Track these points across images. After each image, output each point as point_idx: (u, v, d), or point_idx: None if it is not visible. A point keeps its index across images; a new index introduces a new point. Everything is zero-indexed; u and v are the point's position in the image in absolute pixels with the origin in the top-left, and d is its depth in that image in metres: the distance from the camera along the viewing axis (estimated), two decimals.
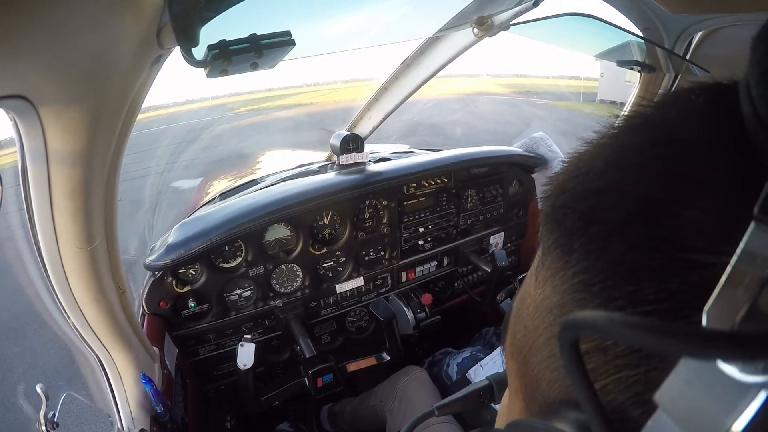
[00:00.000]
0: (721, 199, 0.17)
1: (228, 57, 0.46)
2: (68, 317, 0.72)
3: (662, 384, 0.16)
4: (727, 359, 0.14)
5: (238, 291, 1.22)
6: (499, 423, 0.34)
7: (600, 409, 0.18)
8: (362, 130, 1.43)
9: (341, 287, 1.39)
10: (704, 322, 0.15)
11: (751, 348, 0.13)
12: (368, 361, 1.27)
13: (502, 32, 0.85)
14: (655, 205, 0.19)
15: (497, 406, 0.83)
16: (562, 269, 0.22)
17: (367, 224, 1.36)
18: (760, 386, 0.14)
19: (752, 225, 0.14)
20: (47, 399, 0.64)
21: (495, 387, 0.57)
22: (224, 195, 1.49)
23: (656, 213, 0.18)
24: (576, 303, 0.21)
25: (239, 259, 1.19)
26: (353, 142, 1.35)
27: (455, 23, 0.86)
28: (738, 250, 0.14)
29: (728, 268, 0.15)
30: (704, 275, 0.17)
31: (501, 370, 0.65)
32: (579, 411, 0.20)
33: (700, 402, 0.15)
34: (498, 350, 1.12)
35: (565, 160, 0.24)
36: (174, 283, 1.12)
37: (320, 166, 1.54)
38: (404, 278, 1.50)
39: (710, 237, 0.17)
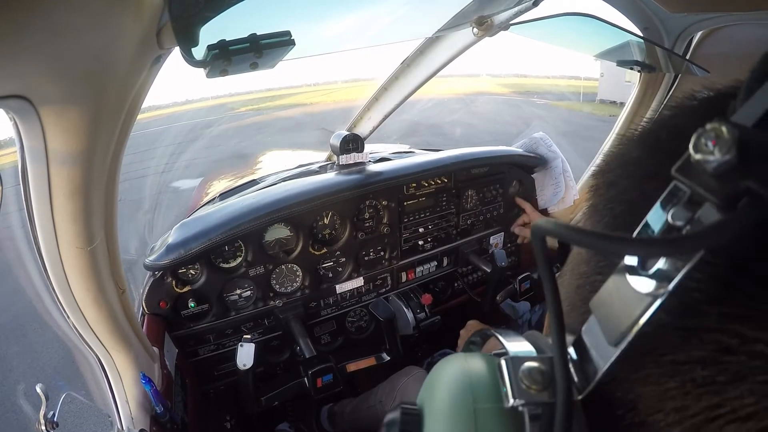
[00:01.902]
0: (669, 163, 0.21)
1: (228, 57, 0.46)
2: (68, 317, 0.71)
3: (596, 294, 0.22)
4: (619, 252, 0.20)
5: (238, 291, 1.22)
6: None
7: (554, 281, 0.23)
8: (362, 130, 1.43)
9: (341, 287, 1.39)
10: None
11: (631, 246, 0.18)
12: (368, 362, 1.27)
13: (502, 32, 0.85)
14: (653, 177, 0.23)
15: None
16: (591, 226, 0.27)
17: (367, 224, 1.36)
18: (653, 297, 0.18)
19: (672, 183, 0.19)
20: (47, 399, 0.64)
21: None
22: (224, 195, 1.49)
23: (652, 183, 0.22)
24: (589, 252, 0.26)
25: (239, 259, 1.19)
26: (353, 142, 1.35)
27: (455, 23, 0.86)
28: (661, 199, 0.20)
29: (651, 212, 0.20)
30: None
31: None
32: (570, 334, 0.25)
33: (614, 308, 0.20)
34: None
35: (618, 139, 0.29)
36: (174, 283, 1.11)
37: (320, 166, 1.54)
38: (404, 278, 1.50)
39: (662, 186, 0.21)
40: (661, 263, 0.19)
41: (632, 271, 0.20)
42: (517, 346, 0.27)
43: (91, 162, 0.53)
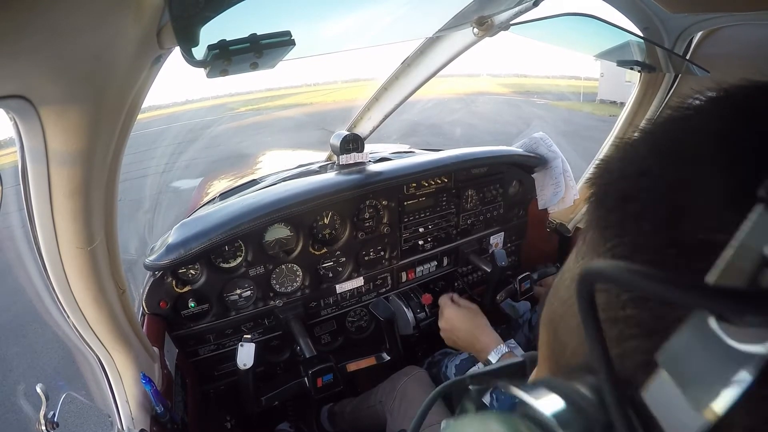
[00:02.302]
0: (738, 180, 0.18)
1: (228, 57, 0.46)
2: (68, 317, 0.71)
3: (665, 344, 0.17)
4: (712, 309, 0.15)
5: (238, 291, 1.22)
6: None
7: (605, 351, 0.19)
8: (362, 130, 1.43)
9: (341, 287, 1.39)
10: None
11: (738, 303, 0.14)
12: (368, 361, 1.27)
13: (502, 32, 0.85)
14: (682, 186, 0.20)
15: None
16: (598, 244, 0.23)
17: (367, 224, 1.36)
18: (754, 356, 0.14)
19: (758, 206, 0.15)
20: (47, 399, 0.64)
21: (528, 365, 0.57)
22: (224, 195, 1.49)
23: (682, 194, 0.20)
24: None
25: (239, 259, 1.19)
26: (353, 142, 1.35)
27: (455, 23, 0.86)
28: (746, 227, 0.15)
29: (733, 243, 0.15)
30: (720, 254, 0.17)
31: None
32: (596, 375, 0.21)
33: (698, 365, 0.16)
34: (495, 351, 1.12)
35: (616, 144, 0.26)
36: (174, 283, 1.11)
37: (320, 166, 1.54)
38: (404, 278, 1.50)
39: (726, 218, 0.17)
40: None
41: (723, 318, 0.15)
42: (550, 405, 0.22)
43: (91, 162, 0.53)
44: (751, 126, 0.20)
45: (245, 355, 1.02)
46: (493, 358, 1.07)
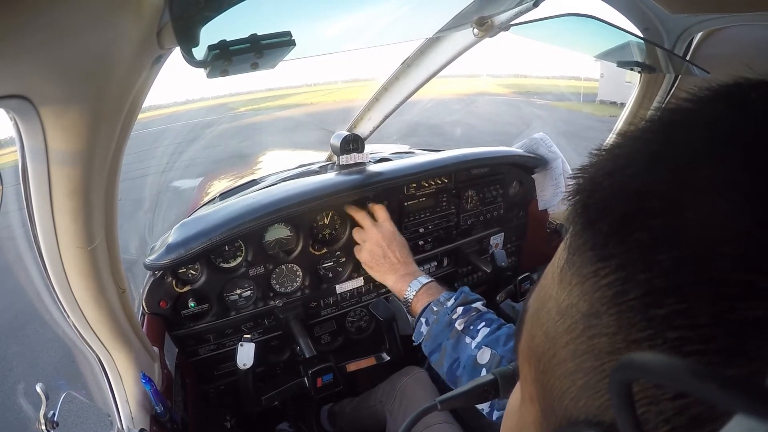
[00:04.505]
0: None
1: (228, 57, 0.46)
2: (68, 317, 0.72)
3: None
4: None
5: (238, 291, 1.22)
6: (506, 425, 0.34)
7: None
8: (362, 130, 1.43)
9: (341, 287, 1.39)
10: None
11: None
12: (368, 361, 1.27)
13: (502, 33, 0.85)
14: (712, 214, 0.16)
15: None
16: (594, 275, 0.20)
17: None
18: None
19: None
20: (47, 398, 0.64)
21: (500, 382, 0.55)
22: (224, 195, 1.49)
23: (714, 224, 0.16)
24: (612, 316, 0.18)
25: (239, 259, 1.19)
26: (353, 143, 1.35)
27: (455, 24, 0.86)
28: None
29: None
30: None
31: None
32: None
33: None
34: (418, 279, 1.06)
35: (597, 152, 0.22)
36: (174, 282, 1.12)
37: (320, 166, 1.53)
38: None
39: None
40: None
41: None
42: None
43: (91, 161, 0.53)
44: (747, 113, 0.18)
45: (245, 355, 1.02)
46: (415, 286, 1.03)
